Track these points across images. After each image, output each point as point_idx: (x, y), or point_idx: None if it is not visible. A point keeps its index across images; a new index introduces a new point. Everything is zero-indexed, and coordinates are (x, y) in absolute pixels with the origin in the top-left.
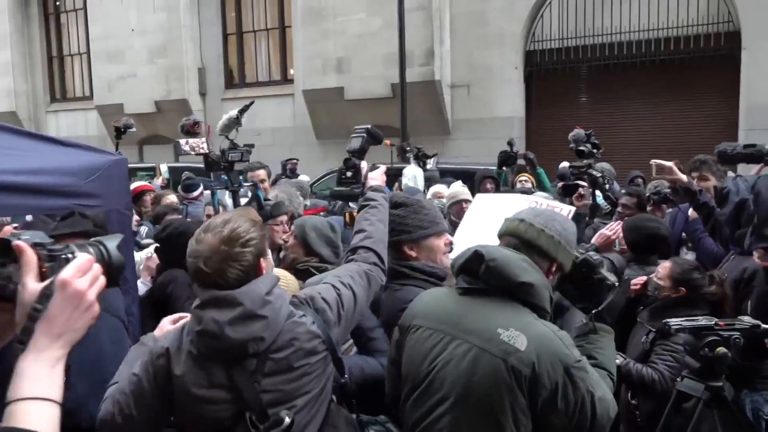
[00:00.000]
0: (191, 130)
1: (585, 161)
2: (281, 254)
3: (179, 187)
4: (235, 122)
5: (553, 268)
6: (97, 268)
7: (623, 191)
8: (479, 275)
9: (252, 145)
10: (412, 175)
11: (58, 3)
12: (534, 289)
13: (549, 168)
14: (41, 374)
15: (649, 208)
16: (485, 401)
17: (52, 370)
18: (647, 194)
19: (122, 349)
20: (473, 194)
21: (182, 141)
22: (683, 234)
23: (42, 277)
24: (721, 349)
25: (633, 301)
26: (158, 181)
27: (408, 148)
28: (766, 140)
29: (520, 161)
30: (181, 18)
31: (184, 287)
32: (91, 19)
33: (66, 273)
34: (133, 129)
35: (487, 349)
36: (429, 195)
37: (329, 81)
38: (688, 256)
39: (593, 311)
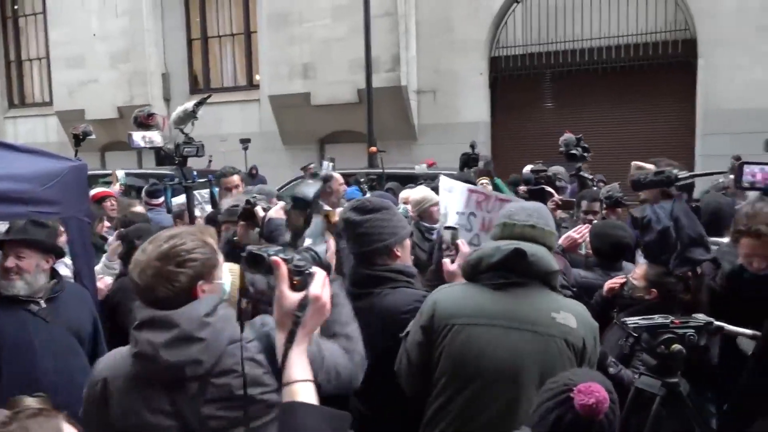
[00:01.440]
0: (145, 122)
1: (576, 164)
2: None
3: (143, 193)
4: (190, 115)
5: None
6: (325, 277)
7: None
8: (517, 269)
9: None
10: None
11: (16, 7)
12: (558, 275)
13: (515, 172)
14: (302, 362)
15: (603, 212)
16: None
17: (305, 357)
18: (601, 198)
19: None
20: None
21: (135, 134)
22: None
23: (293, 287)
24: (676, 346)
25: (607, 302)
26: (116, 188)
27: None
28: (722, 143)
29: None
30: (144, 23)
31: (133, 298)
32: (51, 24)
33: (316, 289)
34: (92, 136)
35: (549, 333)
36: (399, 200)
37: (295, 86)
38: (641, 259)
39: None
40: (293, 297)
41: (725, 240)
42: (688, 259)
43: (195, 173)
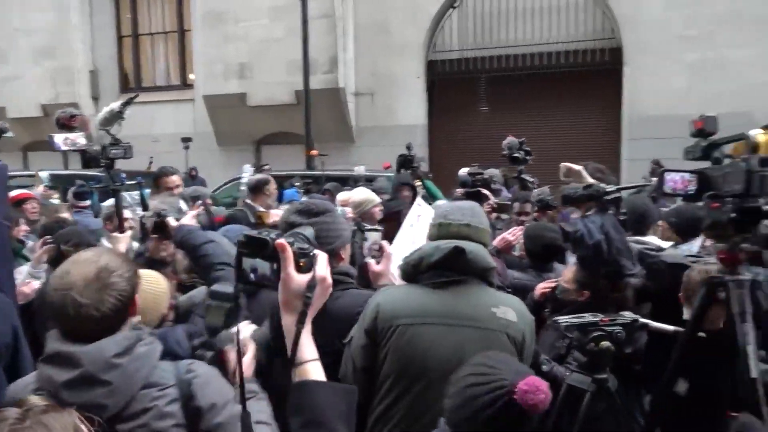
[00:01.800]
0: (67, 124)
1: (518, 167)
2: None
3: (69, 195)
4: (117, 116)
5: None
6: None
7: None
8: (456, 267)
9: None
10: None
11: None
12: (494, 271)
13: (452, 175)
14: (310, 342)
15: (535, 214)
16: None
17: (311, 338)
18: (532, 201)
19: None
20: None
21: (57, 135)
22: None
23: (299, 269)
24: (605, 343)
25: (539, 305)
26: (39, 190)
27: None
28: (646, 148)
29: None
30: (70, 18)
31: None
32: None
33: (321, 270)
34: (10, 134)
35: (490, 327)
36: (337, 202)
37: (231, 87)
38: (572, 259)
39: None
40: (301, 279)
41: (648, 238)
42: (619, 273)
43: (123, 175)
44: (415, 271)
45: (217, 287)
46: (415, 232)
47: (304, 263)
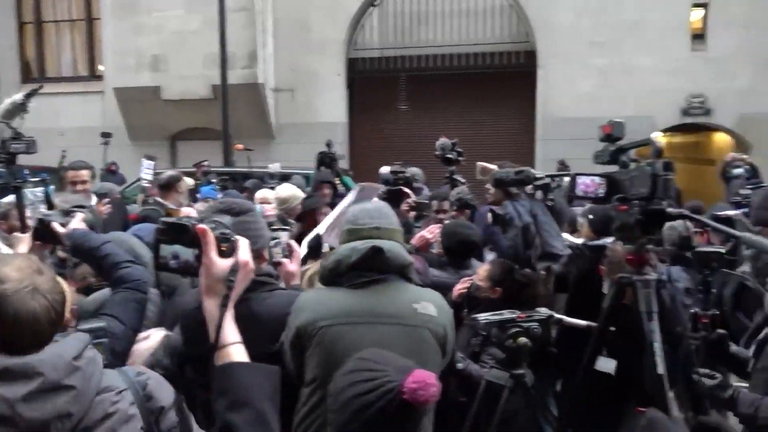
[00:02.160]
0: None
1: (450, 168)
2: None
3: None
4: (19, 108)
5: None
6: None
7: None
8: (375, 267)
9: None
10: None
11: None
12: (412, 267)
13: (372, 172)
14: (233, 325)
15: (452, 213)
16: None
17: (233, 320)
18: (451, 200)
19: None
20: None
21: None
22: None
23: (221, 254)
24: (522, 339)
25: (457, 306)
26: None
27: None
28: (558, 148)
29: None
30: None
31: None
32: None
33: (244, 255)
34: None
35: (413, 324)
36: (256, 200)
37: (144, 79)
38: (489, 256)
39: None
40: (224, 263)
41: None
42: (549, 253)
43: (26, 172)
44: (332, 274)
45: None
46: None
47: (226, 248)
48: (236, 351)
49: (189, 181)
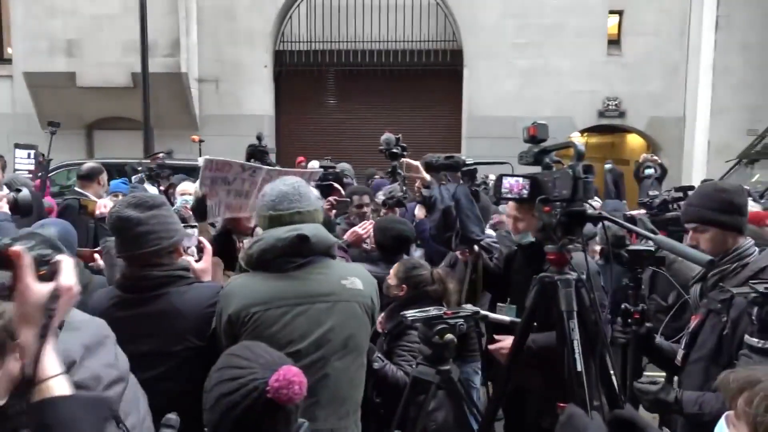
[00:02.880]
0: None
1: (393, 162)
2: None
3: None
4: None
5: None
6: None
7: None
8: (301, 253)
9: None
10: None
11: None
12: (335, 245)
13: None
14: (53, 356)
15: (383, 211)
16: (355, 340)
17: (53, 350)
18: (382, 198)
19: None
20: None
21: None
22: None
23: (40, 278)
24: (449, 336)
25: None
26: None
27: (139, 169)
28: (483, 146)
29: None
30: None
31: None
32: None
33: (68, 279)
34: None
35: (344, 299)
36: (177, 193)
37: (58, 65)
38: (417, 253)
39: None
40: (42, 289)
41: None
42: (467, 237)
43: None
44: (258, 262)
45: None
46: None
47: (45, 271)
48: (57, 384)
49: None
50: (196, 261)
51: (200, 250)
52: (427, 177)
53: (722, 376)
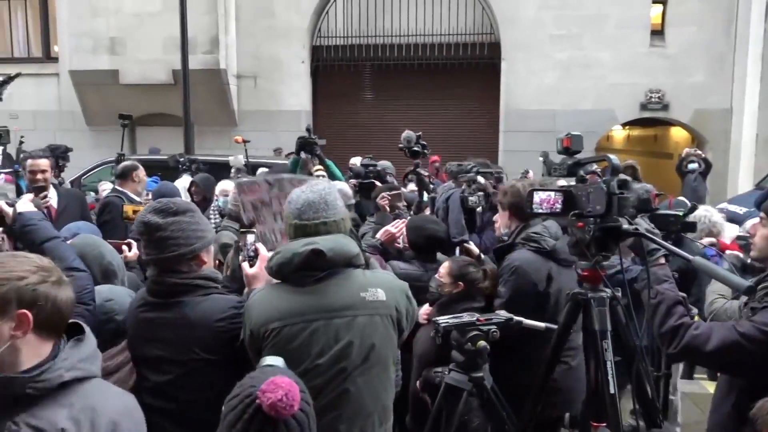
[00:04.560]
0: None
1: (415, 161)
2: None
3: None
4: None
5: None
6: None
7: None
8: (318, 267)
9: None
10: (183, 186)
11: None
12: (360, 255)
13: (337, 161)
14: None
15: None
16: (377, 353)
17: None
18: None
19: None
20: None
21: None
22: None
23: None
24: (482, 343)
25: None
26: None
27: (181, 159)
28: (521, 140)
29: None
30: None
31: None
32: None
33: None
34: None
35: (363, 313)
36: (217, 191)
37: (101, 62)
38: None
39: None
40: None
41: None
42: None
43: None
44: (277, 275)
45: None
46: None
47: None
48: None
49: None
50: (250, 266)
51: (256, 255)
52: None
53: (759, 404)
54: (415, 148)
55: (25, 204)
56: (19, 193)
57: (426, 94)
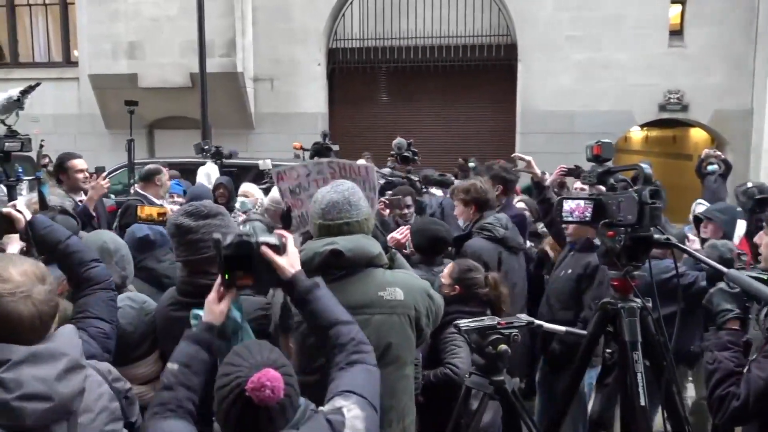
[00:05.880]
0: None
1: (407, 167)
2: None
3: None
4: (15, 104)
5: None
6: None
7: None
8: (339, 266)
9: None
10: (206, 173)
11: None
12: (381, 255)
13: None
14: None
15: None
16: (394, 351)
17: None
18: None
19: None
20: None
21: None
22: None
23: None
24: (503, 346)
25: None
26: None
27: (206, 147)
28: (538, 142)
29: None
30: None
31: None
32: None
33: None
34: None
35: (380, 312)
36: (240, 193)
37: (120, 66)
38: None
39: None
40: None
41: None
42: None
43: (21, 169)
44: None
45: None
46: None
47: None
48: None
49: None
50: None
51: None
52: (538, 172)
53: None
54: (406, 154)
55: (21, 205)
56: (42, 200)
57: (442, 96)
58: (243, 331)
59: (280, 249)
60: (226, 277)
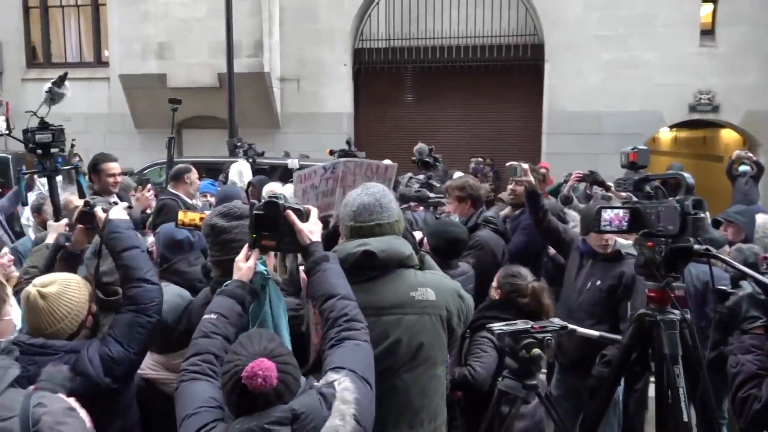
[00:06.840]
0: None
1: (428, 173)
2: None
3: None
4: (59, 93)
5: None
6: None
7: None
8: (370, 267)
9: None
10: (238, 170)
11: None
12: (413, 256)
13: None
14: None
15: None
16: (425, 351)
17: None
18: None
19: None
20: None
21: None
22: None
23: None
24: (536, 350)
25: None
26: None
27: (239, 144)
28: (565, 142)
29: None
30: None
31: None
32: None
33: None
34: None
35: (411, 312)
36: (264, 193)
37: (150, 67)
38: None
39: None
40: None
41: None
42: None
43: (60, 159)
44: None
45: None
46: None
47: None
48: None
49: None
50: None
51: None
52: (532, 180)
53: None
54: (427, 160)
55: (118, 212)
56: (80, 189)
57: (468, 96)
58: (270, 286)
59: (303, 216)
60: (254, 236)
